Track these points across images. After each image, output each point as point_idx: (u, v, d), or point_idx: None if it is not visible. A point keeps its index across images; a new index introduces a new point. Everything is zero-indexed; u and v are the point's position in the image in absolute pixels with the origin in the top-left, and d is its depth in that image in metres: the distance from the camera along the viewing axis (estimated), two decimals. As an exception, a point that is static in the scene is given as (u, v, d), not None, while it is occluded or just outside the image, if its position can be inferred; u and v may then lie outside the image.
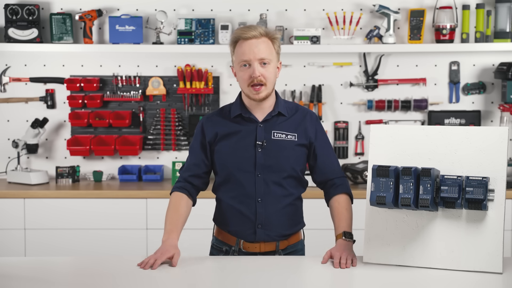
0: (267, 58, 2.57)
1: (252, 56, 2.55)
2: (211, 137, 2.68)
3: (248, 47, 2.55)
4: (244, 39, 2.56)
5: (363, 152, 4.60)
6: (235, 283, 2.31)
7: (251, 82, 2.57)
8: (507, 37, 4.41)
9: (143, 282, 2.31)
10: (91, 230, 4.17)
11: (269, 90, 2.61)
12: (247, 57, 2.56)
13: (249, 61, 2.56)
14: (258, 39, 2.56)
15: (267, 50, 2.57)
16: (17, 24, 4.39)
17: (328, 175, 2.72)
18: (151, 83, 4.53)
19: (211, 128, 2.68)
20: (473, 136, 2.41)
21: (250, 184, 2.63)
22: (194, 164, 2.71)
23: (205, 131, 2.69)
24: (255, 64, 2.55)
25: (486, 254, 2.37)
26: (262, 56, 2.56)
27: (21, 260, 2.81)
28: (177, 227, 2.64)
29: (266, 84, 2.58)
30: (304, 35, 4.38)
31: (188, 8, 4.52)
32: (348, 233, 2.58)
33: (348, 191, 2.71)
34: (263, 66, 2.57)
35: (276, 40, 2.62)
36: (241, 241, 2.68)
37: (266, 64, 2.57)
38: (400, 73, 4.56)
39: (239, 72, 2.60)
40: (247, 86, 2.59)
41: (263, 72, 2.56)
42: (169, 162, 4.60)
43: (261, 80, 2.56)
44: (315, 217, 3.20)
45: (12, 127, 4.57)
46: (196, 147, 2.71)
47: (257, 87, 2.57)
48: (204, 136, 2.69)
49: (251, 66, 2.56)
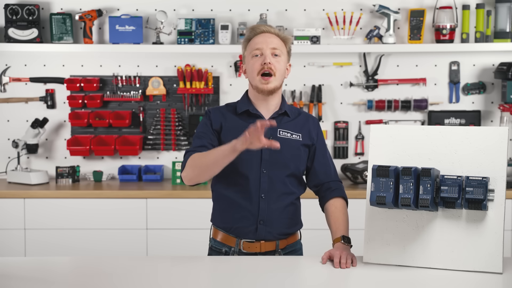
0: (279, 49, 2.64)
1: (265, 45, 2.63)
2: (218, 126, 2.69)
3: (262, 38, 2.65)
4: (257, 34, 2.66)
5: (363, 152, 4.60)
6: (234, 283, 2.31)
7: (262, 69, 2.61)
8: (507, 37, 4.41)
9: (143, 282, 2.31)
10: (91, 230, 4.17)
11: (278, 82, 2.64)
12: (260, 45, 2.63)
13: (261, 50, 2.62)
14: (271, 34, 2.66)
15: (279, 44, 2.66)
16: (17, 24, 4.39)
17: (324, 178, 2.73)
18: (151, 83, 4.53)
19: (218, 118, 2.70)
20: (473, 136, 2.41)
21: (255, 180, 2.63)
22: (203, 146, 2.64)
23: (212, 120, 2.70)
24: (267, 52, 2.62)
25: (486, 254, 2.37)
26: (274, 46, 2.63)
27: (21, 260, 2.81)
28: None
29: (275, 74, 2.62)
30: (304, 35, 4.38)
31: (188, 8, 4.52)
32: (347, 238, 2.58)
33: (344, 196, 2.72)
34: (274, 57, 2.63)
35: (288, 40, 2.70)
36: (241, 242, 2.67)
37: (278, 56, 2.64)
38: (400, 73, 4.56)
39: (250, 62, 2.65)
40: (256, 75, 2.63)
41: (274, 62, 2.62)
42: (169, 162, 4.60)
43: (271, 69, 2.61)
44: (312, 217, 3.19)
45: (12, 127, 4.57)
46: (206, 131, 2.67)
47: (266, 77, 2.61)
48: (212, 123, 2.69)
49: (263, 55, 2.62)
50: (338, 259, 2.46)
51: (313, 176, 2.74)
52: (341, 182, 2.78)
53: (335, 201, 2.68)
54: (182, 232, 4.16)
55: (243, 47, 2.71)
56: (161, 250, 4.16)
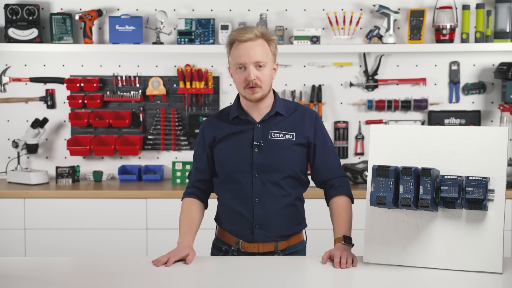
0: (262, 61, 2.57)
1: (248, 59, 2.55)
2: (210, 141, 2.70)
3: (244, 50, 2.56)
4: (240, 42, 2.57)
5: (363, 152, 4.60)
6: (235, 283, 2.31)
7: (247, 85, 2.58)
8: (507, 37, 4.41)
9: (143, 282, 2.31)
10: (91, 230, 4.17)
11: (265, 91, 2.61)
12: (242, 60, 2.56)
13: (244, 64, 2.56)
14: (254, 41, 2.56)
15: (262, 52, 2.57)
16: (17, 24, 4.39)
17: (327, 175, 2.70)
18: (151, 83, 4.53)
19: (210, 132, 2.70)
20: (473, 136, 2.41)
21: (248, 184, 2.63)
22: (198, 169, 2.75)
23: (205, 135, 2.72)
24: (250, 67, 2.56)
25: (486, 254, 2.37)
26: (258, 59, 2.56)
27: (21, 260, 2.81)
28: (192, 229, 2.66)
29: (261, 86, 2.59)
30: (304, 35, 4.38)
31: (188, 8, 4.52)
32: (348, 238, 2.58)
33: (348, 192, 2.69)
34: (258, 69, 2.57)
35: (272, 42, 2.62)
36: (240, 241, 2.68)
37: (262, 67, 2.57)
38: (400, 73, 4.56)
39: (235, 75, 2.62)
40: (243, 89, 2.60)
41: (259, 75, 2.57)
42: (169, 162, 4.60)
43: (256, 83, 2.57)
44: (316, 217, 3.19)
45: (12, 127, 4.57)
46: (199, 152, 2.74)
47: (252, 88, 2.58)
48: (205, 141, 2.71)
49: (247, 69, 2.56)
50: (338, 259, 2.46)
51: (316, 174, 2.72)
52: (346, 177, 2.73)
53: (338, 199, 2.66)
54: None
55: (227, 51, 2.64)
56: (161, 250, 4.11)
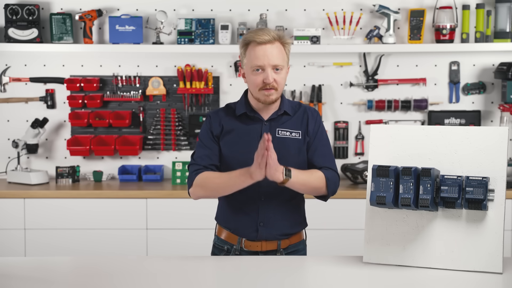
0: (280, 65, 2.59)
1: (266, 62, 2.56)
2: (218, 131, 2.69)
3: (262, 52, 2.57)
4: (257, 43, 2.57)
5: (363, 152, 4.60)
6: (236, 283, 2.31)
7: (264, 86, 2.59)
8: (507, 37, 4.41)
9: (143, 282, 2.31)
10: (91, 230, 4.17)
11: (279, 94, 2.64)
12: (261, 62, 2.57)
13: (262, 67, 2.57)
14: (272, 44, 2.57)
15: (280, 56, 2.59)
16: (17, 24, 4.39)
17: (316, 163, 2.66)
18: (151, 83, 4.53)
19: (217, 122, 2.70)
20: (473, 136, 2.41)
21: (255, 183, 2.62)
22: (206, 155, 2.67)
23: (212, 125, 2.70)
24: (268, 70, 2.57)
25: (486, 254, 2.37)
26: (276, 63, 2.57)
27: (21, 260, 2.80)
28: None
29: (277, 89, 2.60)
30: (304, 35, 4.38)
31: (188, 8, 4.52)
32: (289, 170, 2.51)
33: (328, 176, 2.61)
34: (276, 72, 2.59)
35: (287, 45, 2.64)
36: (242, 240, 2.68)
37: (279, 70, 2.59)
38: (400, 73, 4.56)
39: (250, 76, 2.61)
40: (258, 90, 2.60)
41: (276, 77, 2.58)
42: (169, 162, 4.60)
43: (274, 86, 2.59)
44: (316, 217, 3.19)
45: (12, 127, 4.57)
46: (207, 140, 2.69)
47: (269, 90, 2.59)
48: (212, 131, 2.69)
49: (265, 72, 2.57)
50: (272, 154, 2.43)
51: (310, 165, 2.69)
52: (337, 173, 2.68)
53: (316, 170, 2.63)
54: (182, 232, 4.16)
55: (242, 51, 2.64)
56: (161, 250, 4.16)
